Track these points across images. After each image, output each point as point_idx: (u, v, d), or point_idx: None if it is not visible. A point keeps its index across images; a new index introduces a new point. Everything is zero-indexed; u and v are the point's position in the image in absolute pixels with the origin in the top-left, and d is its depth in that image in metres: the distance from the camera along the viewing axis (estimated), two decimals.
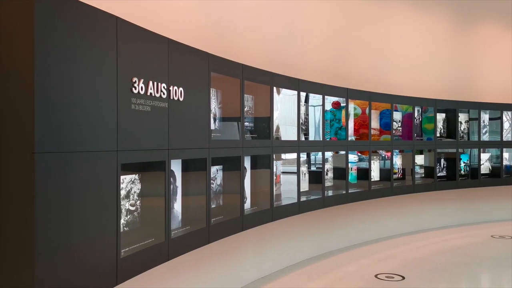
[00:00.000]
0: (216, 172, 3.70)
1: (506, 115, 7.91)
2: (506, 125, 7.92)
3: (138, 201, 2.71)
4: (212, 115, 3.55)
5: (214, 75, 3.51)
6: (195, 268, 3.93)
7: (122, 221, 2.52)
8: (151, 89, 2.67)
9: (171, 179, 3.02)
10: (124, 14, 2.58)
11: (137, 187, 2.70)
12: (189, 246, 3.22)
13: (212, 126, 3.56)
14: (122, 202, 2.52)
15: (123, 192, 2.54)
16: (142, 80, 2.59)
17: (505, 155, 7.92)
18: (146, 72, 2.64)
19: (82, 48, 2.18)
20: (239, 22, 4.62)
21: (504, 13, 8.41)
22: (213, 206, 3.59)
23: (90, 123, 2.23)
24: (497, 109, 7.82)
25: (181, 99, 2.99)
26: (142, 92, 2.59)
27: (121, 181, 2.50)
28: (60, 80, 2.05)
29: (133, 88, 2.52)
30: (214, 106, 3.63)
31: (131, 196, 2.65)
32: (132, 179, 2.66)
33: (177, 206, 3.15)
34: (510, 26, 8.49)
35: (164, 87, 2.80)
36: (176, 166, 3.10)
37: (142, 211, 2.74)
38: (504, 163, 7.87)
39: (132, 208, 2.67)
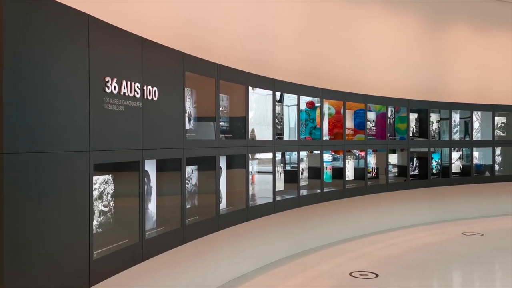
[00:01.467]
0: (191, 172, 3.68)
1: (476, 115, 8.11)
2: (476, 124, 8.12)
3: (112, 202, 2.68)
4: (187, 115, 3.53)
5: (189, 75, 3.49)
6: (170, 269, 3.90)
7: (95, 222, 2.49)
8: (124, 88, 2.64)
9: (145, 179, 2.99)
10: (97, 12, 2.55)
11: (110, 188, 2.67)
12: (163, 246, 3.20)
13: (187, 126, 3.54)
14: (94, 203, 2.49)
15: (96, 193, 2.51)
16: (115, 80, 2.56)
17: (475, 154, 8.12)
18: (119, 72, 2.61)
19: (52, 47, 2.14)
20: (214, 22, 4.61)
21: (475, 14, 8.62)
22: (188, 206, 3.57)
23: (61, 123, 2.19)
24: (467, 109, 8.00)
25: (155, 99, 2.97)
26: (115, 92, 2.56)
27: (94, 181, 2.46)
28: (30, 80, 2.01)
29: (106, 88, 2.49)
30: (189, 106, 3.61)
31: (104, 197, 2.62)
32: (105, 180, 2.63)
33: (152, 207, 3.12)
34: (480, 28, 8.71)
35: (137, 86, 2.77)
36: (150, 166, 3.07)
37: (116, 211, 2.71)
38: (474, 162, 8.06)
39: (105, 209, 2.63)
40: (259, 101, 4.65)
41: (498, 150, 8.36)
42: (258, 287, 4.67)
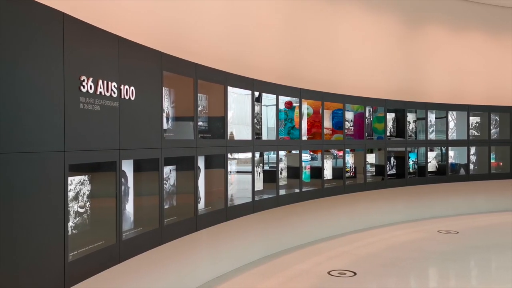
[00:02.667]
0: (169, 172, 3.66)
1: (451, 115, 8.26)
2: (451, 124, 8.27)
3: (88, 203, 2.64)
4: (165, 115, 3.51)
5: (167, 74, 3.47)
6: (148, 270, 3.87)
7: (70, 223, 2.45)
8: (100, 88, 2.60)
9: (123, 180, 2.96)
10: (74, 11, 2.51)
11: (86, 188, 2.63)
12: (141, 247, 3.17)
13: (165, 126, 3.52)
14: (70, 204, 2.45)
15: (71, 194, 2.47)
16: (91, 79, 2.52)
17: (451, 153, 8.27)
18: (95, 71, 2.58)
19: (25, 45, 2.10)
20: (193, 21, 4.58)
21: (450, 16, 8.78)
22: (166, 206, 3.55)
23: (35, 123, 2.15)
24: (443, 109, 8.15)
25: (132, 98, 2.94)
26: (91, 91, 2.52)
27: (69, 182, 2.43)
28: (1, 78, 1.96)
29: (82, 87, 2.46)
30: (167, 105, 3.59)
31: (80, 198, 2.58)
32: (81, 180, 2.59)
33: (129, 207, 3.09)
34: (455, 29, 8.87)
35: (114, 86, 2.74)
36: (127, 167, 3.04)
37: (92, 212, 2.67)
38: (449, 161, 8.21)
39: (81, 210, 2.59)
40: (238, 101, 4.65)
41: (472, 150, 8.53)
42: (237, 287, 4.67)
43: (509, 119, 8.84)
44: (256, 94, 4.96)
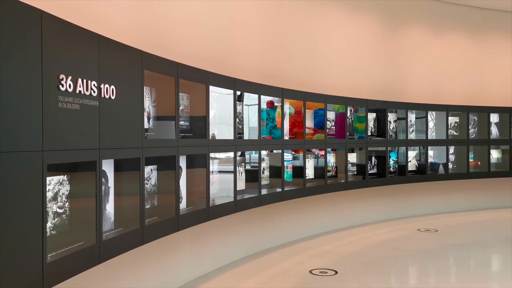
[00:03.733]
0: (150, 172, 3.64)
1: (430, 115, 8.38)
2: (431, 124, 8.39)
3: (67, 203, 2.61)
4: (146, 114, 3.49)
5: (148, 73, 3.45)
6: (130, 270, 3.84)
7: (49, 224, 2.42)
8: (80, 86, 2.57)
9: (103, 180, 2.93)
10: (52, 9, 2.48)
11: (65, 189, 2.60)
12: (122, 248, 3.14)
13: (146, 125, 3.50)
14: (48, 205, 2.42)
15: (50, 194, 2.44)
16: (70, 78, 2.49)
17: (430, 152, 8.39)
18: (74, 69, 2.55)
19: (2, 43, 2.06)
20: (174, 20, 4.56)
21: (430, 17, 8.90)
22: (147, 206, 3.53)
23: (12, 122, 2.11)
24: (423, 109, 8.26)
25: (112, 98, 2.91)
26: (70, 90, 2.49)
27: (48, 182, 2.39)
28: None
29: (60, 86, 2.42)
30: (148, 104, 3.57)
31: (59, 198, 2.55)
32: (60, 180, 2.56)
33: (109, 207, 3.06)
34: (435, 30, 9.00)
35: (94, 84, 2.71)
36: (108, 166, 3.02)
37: (72, 213, 2.65)
38: (429, 161, 8.33)
39: (60, 211, 2.56)
40: (220, 101, 4.64)
41: (451, 149, 8.67)
42: (219, 287, 4.67)
43: (487, 119, 9.00)
44: (238, 93, 4.96)
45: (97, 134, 2.78)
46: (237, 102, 4.89)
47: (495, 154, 9.35)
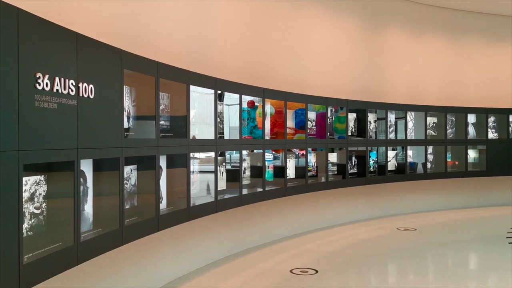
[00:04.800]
0: (130, 171, 3.60)
1: (410, 115, 8.49)
2: (410, 124, 8.50)
3: (44, 204, 2.57)
4: (125, 114, 3.45)
5: (128, 72, 3.42)
6: (109, 270, 3.80)
7: (25, 225, 2.38)
8: (57, 85, 2.53)
9: (81, 180, 2.90)
10: (29, 6, 2.44)
11: (42, 189, 2.56)
12: (101, 249, 3.10)
13: (126, 125, 3.47)
14: (25, 205, 2.38)
15: (26, 195, 2.40)
16: (47, 76, 2.45)
17: (409, 152, 8.50)
18: (52, 68, 2.51)
19: None
20: (154, 19, 4.53)
21: (409, 19, 9.02)
22: (127, 206, 3.50)
23: None
24: (402, 109, 8.36)
25: (91, 97, 2.88)
26: (47, 89, 2.45)
27: (24, 182, 2.35)
28: None
29: (37, 84, 2.38)
30: (127, 104, 3.54)
31: (36, 199, 2.51)
32: (37, 181, 2.52)
33: (88, 208, 3.03)
34: (414, 32, 9.12)
35: (72, 83, 2.67)
36: (86, 166, 2.98)
37: (49, 214, 2.61)
38: (408, 160, 8.44)
39: (37, 211, 2.52)
40: (200, 100, 4.63)
41: (430, 149, 8.80)
42: (199, 287, 4.65)
43: (464, 119, 9.17)
44: (218, 93, 4.94)
45: (75, 133, 2.74)
46: (218, 102, 4.88)
47: (472, 154, 9.52)
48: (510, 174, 9.58)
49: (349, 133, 7.44)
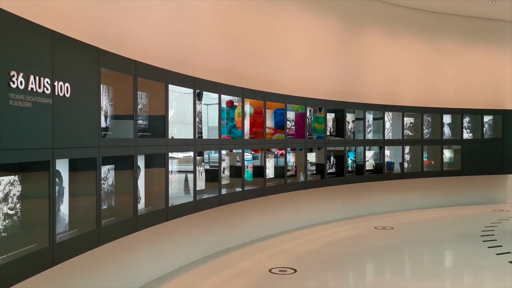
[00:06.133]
0: (107, 171, 3.56)
1: (387, 116, 8.60)
2: (387, 124, 8.61)
3: (18, 204, 2.52)
4: (103, 113, 3.41)
5: (105, 71, 3.38)
6: (86, 272, 3.76)
7: None
8: (32, 84, 2.49)
9: (57, 180, 2.85)
10: (3, 3, 2.38)
11: (16, 189, 2.51)
12: (77, 250, 3.06)
13: (103, 124, 3.43)
14: None
15: (0, 195, 2.35)
16: (21, 74, 2.40)
17: (387, 152, 8.61)
18: (26, 66, 2.46)
19: None
20: (132, 18, 4.49)
21: (387, 20, 9.14)
22: (104, 207, 3.46)
23: None
24: (380, 110, 8.47)
25: (67, 95, 2.83)
26: (21, 87, 2.41)
27: None
28: None
29: (11, 83, 2.34)
30: (105, 103, 3.49)
31: (10, 199, 2.46)
32: (11, 181, 2.47)
33: (64, 208, 2.98)
34: (391, 33, 9.24)
35: (47, 82, 2.63)
36: (62, 166, 2.94)
37: (23, 214, 2.56)
38: (386, 160, 8.55)
39: (11, 212, 2.47)
40: (178, 100, 4.60)
41: (407, 149, 8.93)
42: (178, 287, 4.63)
43: (440, 120, 9.33)
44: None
45: (51, 132, 2.69)
46: (198, 102, 4.86)
47: (447, 154, 9.71)
48: (484, 173, 9.81)
49: (328, 133, 7.49)
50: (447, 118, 9.58)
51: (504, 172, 10.04)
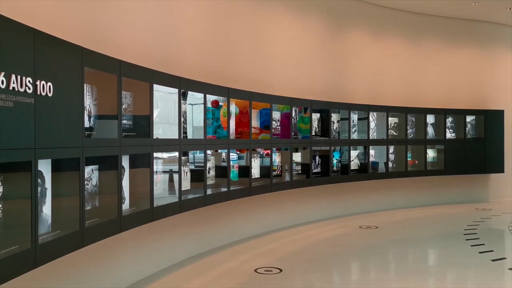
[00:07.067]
0: (91, 172, 3.53)
1: (372, 116, 8.67)
2: (372, 124, 8.68)
3: (0, 205, 2.48)
4: (86, 113, 3.38)
5: (89, 71, 3.34)
6: (70, 273, 3.71)
7: None
8: (13, 83, 2.45)
9: (39, 180, 2.81)
10: None
11: None
12: (60, 251, 3.03)
13: (87, 124, 3.39)
14: None
15: None
16: (2, 74, 2.37)
17: (371, 152, 8.67)
18: (7, 65, 2.43)
19: None
20: (116, 17, 4.45)
21: (371, 21, 9.21)
22: (88, 207, 3.42)
23: None
24: (365, 110, 8.53)
25: (50, 95, 2.80)
26: (3, 86, 2.37)
27: None
28: None
29: None
30: (89, 103, 3.46)
31: None
32: None
33: (46, 209, 2.94)
34: (376, 34, 9.32)
35: (29, 81, 2.59)
36: (45, 167, 2.90)
37: (5, 216, 2.52)
38: (370, 160, 8.61)
39: None
40: (163, 99, 4.57)
41: (391, 149, 9.01)
42: (163, 287, 4.61)
43: (424, 120, 9.44)
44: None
45: (33, 132, 2.66)
46: (182, 102, 4.84)
47: (431, 153, 9.82)
48: (467, 173, 9.95)
49: (313, 133, 7.52)
50: (430, 118, 9.69)
51: (486, 172, 10.19)
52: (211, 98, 5.51)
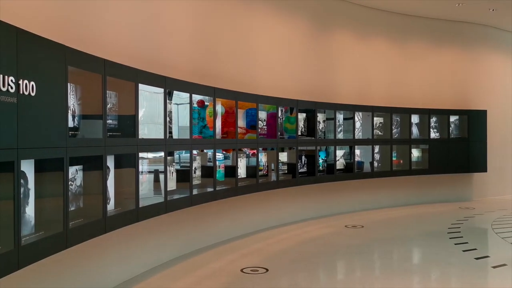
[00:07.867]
0: (75, 172, 3.49)
1: (357, 116, 8.72)
2: (357, 124, 8.73)
3: None
4: (70, 112, 3.34)
5: (73, 70, 3.31)
6: (53, 274, 3.67)
7: None
8: None
9: (22, 181, 2.77)
10: None
11: None
12: (43, 252, 2.99)
13: (71, 124, 3.36)
14: None
15: None
16: None
17: (357, 151, 8.73)
18: None
19: None
20: (101, 16, 4.41)
21: (356, 22, 9.27)
22: (72, 208, 3.39)
23: None
24: (350, 110, 8.57)
25: (32, 94, 2.76)
26: None
27: None
28: None
29: None
30: (73, 102, 3.42)
31: None
32: None
33: (29, 210, 2.90)
34: (361, 34, 9.38)
35: (12, 80, 2.56)
36: (27, 167, 2.86)
37: None
38: (356, 159, 8.66)
39: None
40: (149, 99, 4.55)
41: (376, 148, 9.08)
42: None
43: (408, 120, 9.53)
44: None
45: (15, 132, 2.62)
46: (168, 101, 4.81)
47: (415, 153, 9.92)
48: (451, 172, 10.08)
49: (299, 133, 7.54)
50: (415, 118, 9.79)
51: (470, 171, 10.33)
52: (197, 97, 5.50)
